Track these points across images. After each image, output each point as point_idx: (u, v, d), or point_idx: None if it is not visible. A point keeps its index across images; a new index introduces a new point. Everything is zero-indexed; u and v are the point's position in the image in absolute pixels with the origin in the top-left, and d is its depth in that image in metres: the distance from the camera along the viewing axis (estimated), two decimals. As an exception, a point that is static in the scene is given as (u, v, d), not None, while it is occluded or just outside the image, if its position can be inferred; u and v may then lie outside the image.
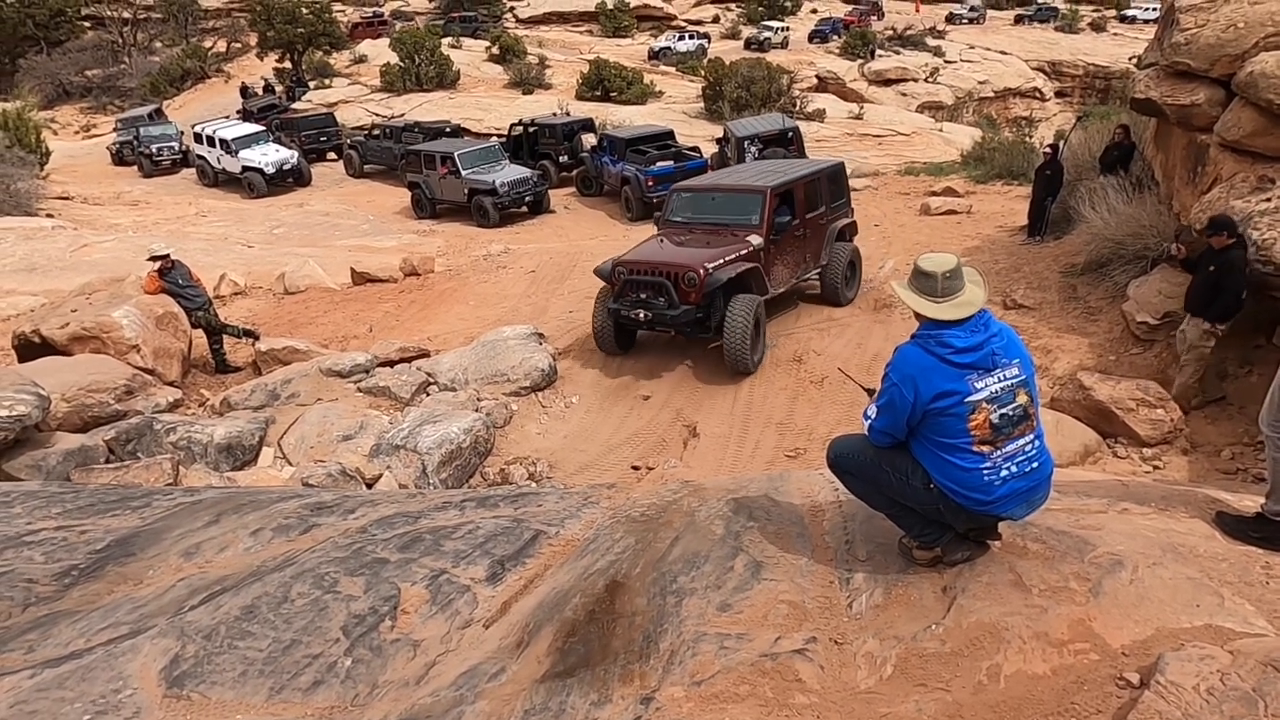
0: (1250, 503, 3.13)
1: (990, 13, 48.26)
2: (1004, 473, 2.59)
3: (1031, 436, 2.65)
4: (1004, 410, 2.58)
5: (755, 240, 8.75)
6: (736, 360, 8.18)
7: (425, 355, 9.04)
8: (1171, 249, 6.88)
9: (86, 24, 40.97)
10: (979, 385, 2.56)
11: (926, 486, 2.64)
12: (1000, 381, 2.59)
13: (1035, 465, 2.65)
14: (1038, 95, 37.24)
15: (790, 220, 9.15)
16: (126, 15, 40.95)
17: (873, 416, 2.69)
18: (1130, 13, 46.00)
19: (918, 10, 47.45)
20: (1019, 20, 46.90)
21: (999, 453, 2.58)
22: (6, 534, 3.41)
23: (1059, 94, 38.23)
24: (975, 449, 2.56)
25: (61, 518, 3.59)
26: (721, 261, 8.29)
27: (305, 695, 2.48)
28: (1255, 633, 2.34)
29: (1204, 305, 6.40)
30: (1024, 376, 2.64)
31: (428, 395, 8.07)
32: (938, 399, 2.54)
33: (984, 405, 2.55)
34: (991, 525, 2.75)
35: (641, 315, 8.30)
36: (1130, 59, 33.10)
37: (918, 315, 2.67)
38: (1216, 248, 6.28)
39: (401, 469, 6.62)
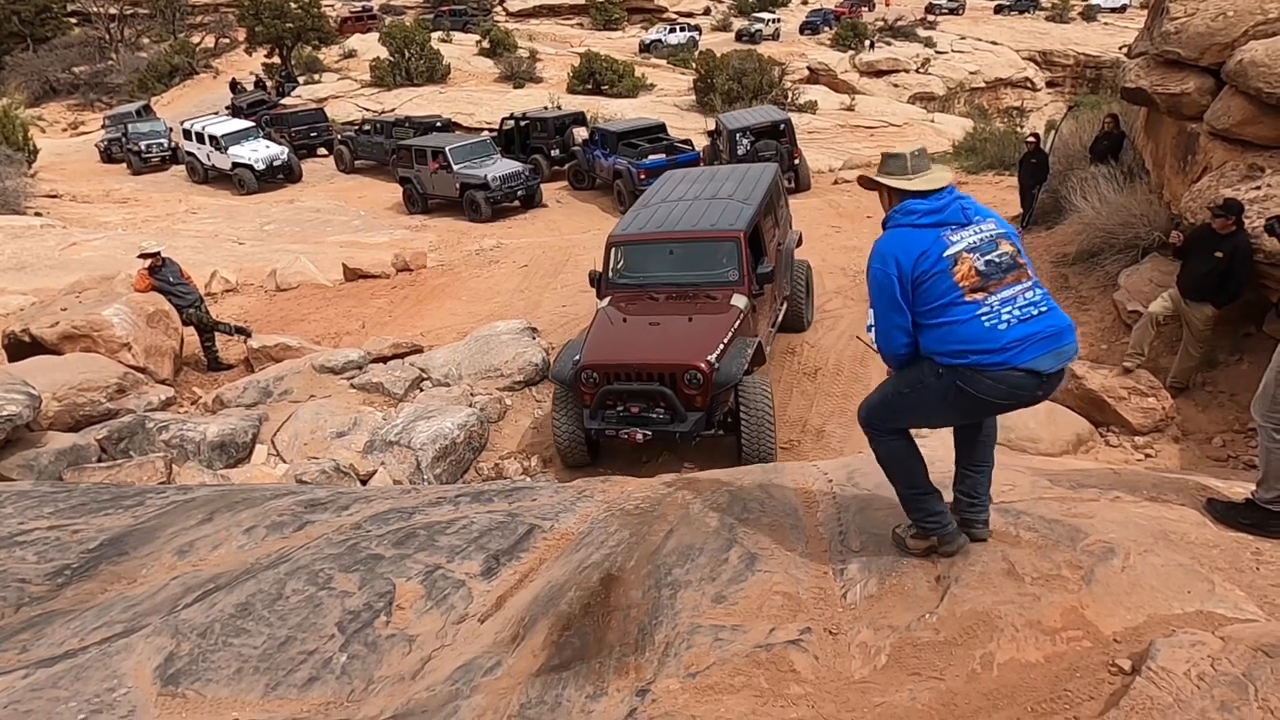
0: (1241, 490, 3.15)
1: (971, 2, 48.16)
2: (1005, 316, 2.52)
3: (1029, 284, 2.59)
4: (988, 257, 2.56)
5: (740, 302, 6.89)
6: (761, 456, 6.29)
7: (418, 351, 9.03)
8: (1172, 237, 6.90)
9: (73, 20, 40.66)
10: (954, 239, 2.57)
11: (938, 376, 2.58)
12: (977, 234, 2.59)
13: (1041, 311, 2.57)
14: (1029, 85, 37.30)
15: (769, 268, 7.28)
16: (113, 11, 40.63)
17: (874, 321, 2.67)
18: (1095, 1, 45.88)
19: (888, 4, 47.15)
20: (999, 10, 46.87)
21: (994, 297, 2.53)
22: (-2, 534, 3.40)
23: (1050, 84, 38.29)
24: (968, 298, 2.53)
25: (54, 517, 3.58)
26: (721, 346, 6.39)
27: (301, 691, 2.48)
28: (1246, 618, 2.36)
29: (1214, 290, 6.39)
30: (1004, 231, 2.64)
31: (421, 391, 8.06)
32: (919, 262, 2.54)
33: (965, 255, 2.55)
34: (1027, 398, 2.58)
35: (639, 436, 6.33)
36: (1120, 48, 33.15)
37: (888, 201, 2.70)
38: (1221, 232, 6.29)
39: (395, 465, 6.61)
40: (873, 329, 2.69)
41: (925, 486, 2.75)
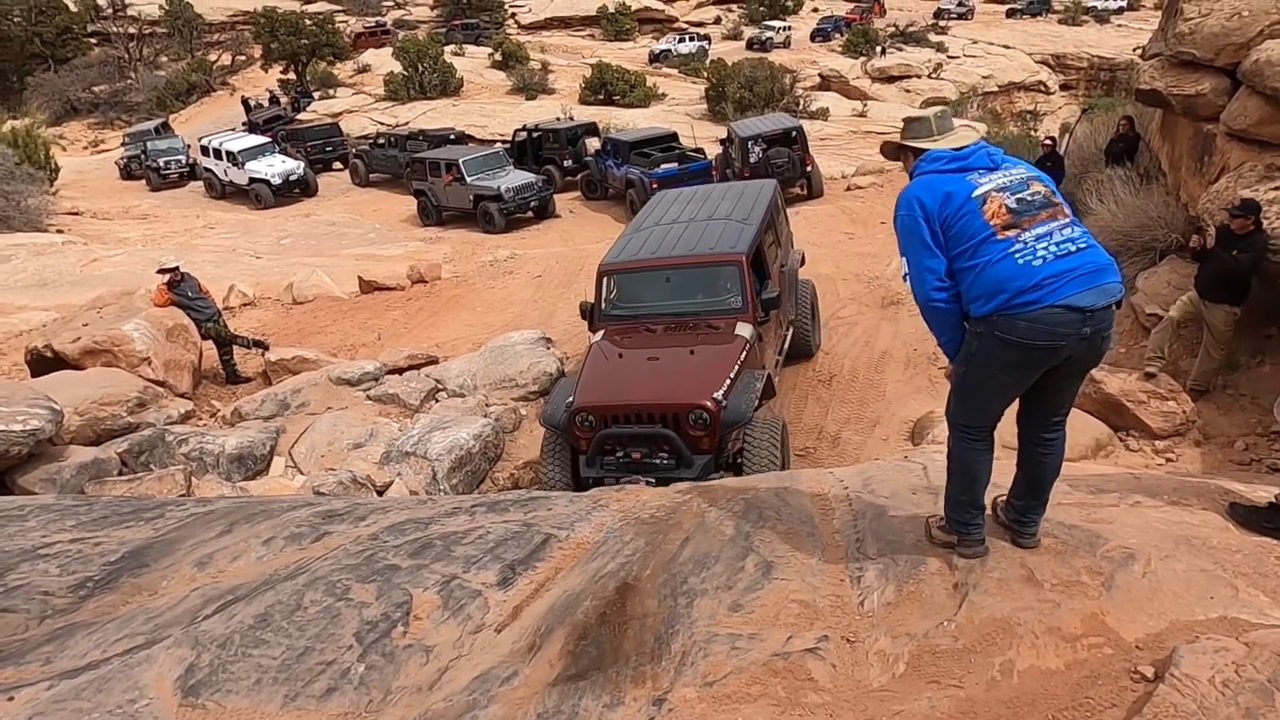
0: (1264, 493, 3.12)
1: (981, 7, 47.92)
2: (1041, 252, 2.41)
3: (1065, 222, 2.49)
4: (1019, 195, 2.49)
5: (745, 330, 6.40)
6: None
7: (434, 362, 9.07)
8: (1193, 241, 6.85)
9: (93, 40, 41.28)
10: (982, 180, 2.52)
11: (978, 336, 2.49)
12: (1006, 176, 2.54)
13: (1080, 247, 2.45)
14: (1042, 88, 37.10)
15: (774, 293, 6.84)
16: (132, 31, 41.26)
17: (906, 269, 2.59)
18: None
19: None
20: (1011, 13, 46.63)
21: (1027, 233, 2.44)
22: (22, 547, 3.44)
23: (1063, 87, 38.06)
24: (1000, 236, 2.44)
25: (76, 530, 3.62)
26: (728, 381, 5.87)
27: (320, 702, 2.49)
28: (1270, 624, 2.33)
29: (1238, 291, 6.32)
30: (1036, 175, 2.58)
31: (436, 402, 8.10)
32: (945, 204, 2.49)
33: (994, 194, 2.49)
34: (1072, 337, 2.41)
35: (643, 484, 5.47)
36: (1135, 50, 32.96)
37: (912, 164, 2.66)
38: (1239, 232, 6.23)
39: (412, 476, 6.64)
40: (907, 277, 2.61)
41: (976, 501, 2.70)
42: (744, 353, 6.21)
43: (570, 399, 6.06)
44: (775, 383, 6.73)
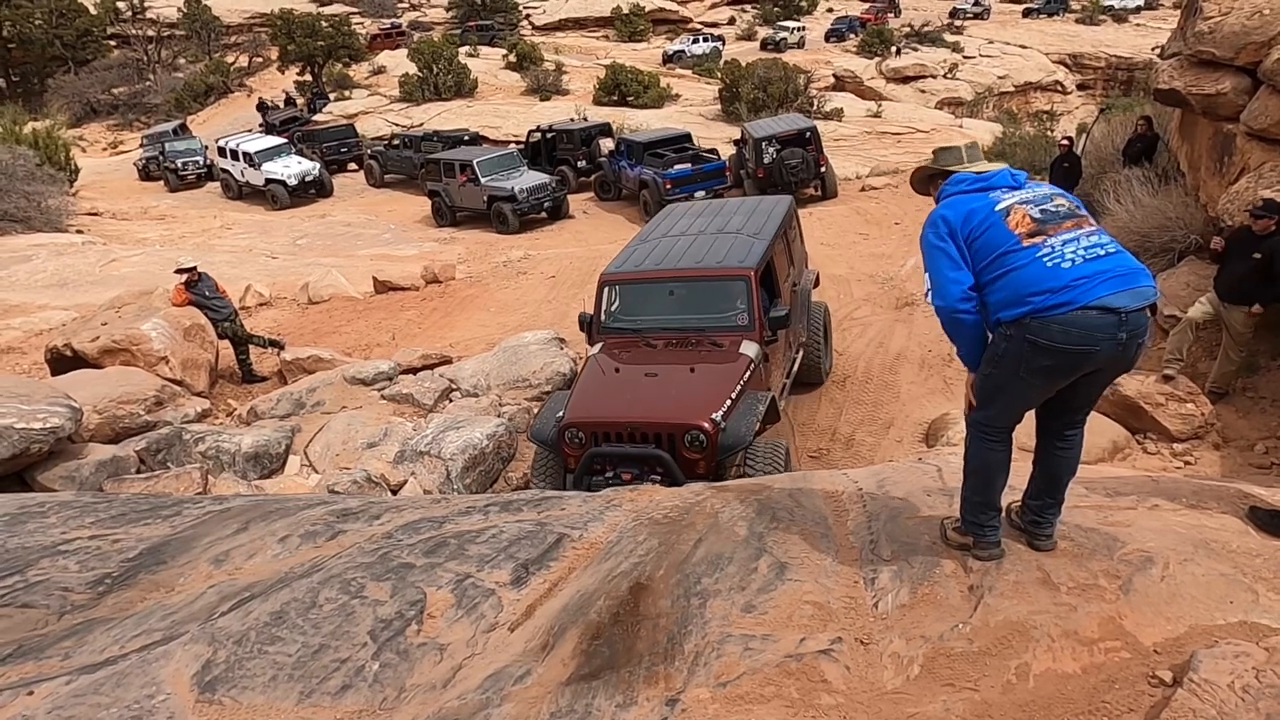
0: (1284, 497, 3.08)
1: (997, 6, 47.59)
2: (1069, 254, 2.40)
3: (1092, 229, 2.49)
4: (1043, 207, 2.52)
5: (750, 350, 6.12)
6: None
7: (447, 362, 9.11)
8: (1213, 243, 6.78)
9: (112, 43, 41.74)
10: (1005, 196, 2.56)
11: (1008, 339, 2.46)
12: (1030, 192, 2.58)
13: (1109, 251, 2.44)
14: (1059, 88, 36.83)
15: (783, 311, 6.48)
16: (151, 33, 41.69)
17: (929, 286, 2.61)
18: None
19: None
20: (1027, 13, 46.34)
21: (1054, 239, 2.44)
22: (42, 543, 3.48)
23: (1081, 86, 37.77)
24: (1025, 244, 2.45)
25: (95, 527, 3.65)
26: (728, 402, 5.61)
27: (334, 699, 2.51)
28: (1291, 629, 2.30)
29: (1254, 291, 6.26)
30: (1059, 192, 2.61)
31: (450, 401, 8.12)
32: (969, 219, 2.53)
33: (1018, 206, 2.52)
34: (1108, 343, 2.36)
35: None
36: (1153, 49, 32.66)
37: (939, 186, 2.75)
38: (1260, 233, 6.17)
39: (426, 475, 6.67)
40: (929, 293, 2.62)
41: (993, 502, 2.69)
42: (748, 373, 5.94)
43: (560, 414, 5.85)
44: (782, 407, 6.42)
